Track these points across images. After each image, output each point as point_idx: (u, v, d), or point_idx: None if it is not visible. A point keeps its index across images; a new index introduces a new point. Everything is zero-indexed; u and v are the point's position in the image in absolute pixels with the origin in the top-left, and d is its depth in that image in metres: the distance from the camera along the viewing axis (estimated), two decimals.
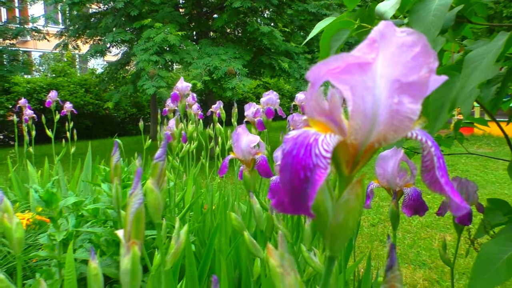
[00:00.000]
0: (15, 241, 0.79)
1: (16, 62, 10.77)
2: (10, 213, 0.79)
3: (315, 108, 0.30)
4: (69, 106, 3.97)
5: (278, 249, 0.39)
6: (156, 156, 0.68)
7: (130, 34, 8.13)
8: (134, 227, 0.47)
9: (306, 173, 0.27)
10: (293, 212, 0.28)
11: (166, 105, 3.33)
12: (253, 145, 1.04)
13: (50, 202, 1.55)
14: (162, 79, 7.51)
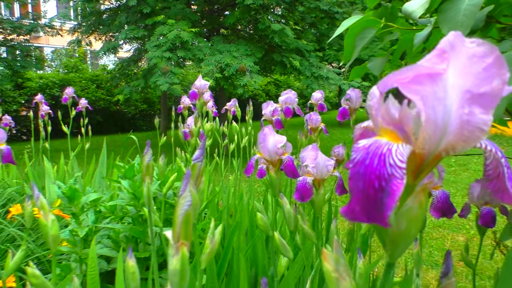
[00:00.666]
0: (50, 238, 0.80)
1: (29, 58, 10.88)
2: (45, 210, 0.80)
3: (384, 117, 0.30)
4: (84, 102, 4.01)
5: (333, 254, 0.39)
6: (195, 157, 0.68)
7: (143, 30, 8.16)
8: (183, 229, 0.48)
9: (381, 182, 0.28)
10: (366, 221, 0.28)
11: (181, 102, 3.35)
12: (280, 146, 1.04)
13: (72, 198, 1.57)
14: (175, 76, 7.54)
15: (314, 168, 0.99)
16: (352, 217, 0.29)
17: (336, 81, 8.65)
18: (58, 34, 10.99)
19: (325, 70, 8.81)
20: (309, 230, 1.03)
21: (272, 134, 1.07)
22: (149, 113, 16.64)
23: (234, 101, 3.41)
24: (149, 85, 8.10)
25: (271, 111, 2.03)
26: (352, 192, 0.29)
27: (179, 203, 0.49)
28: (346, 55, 1.30)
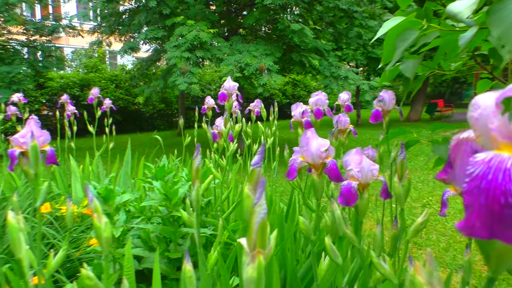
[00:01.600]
0: (103, 240, 0.81)
1: (51, 58, 11.09)
2: (99, 213, 0.81)
3: (502, 131, 0.29)
4: (108, 102, 4.06)
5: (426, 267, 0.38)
6: (253, 162, 0.68)
7: (162, 31, 8.23)
8: (259, 237, 0.48)
9: (508, 199, 0.27)
10: (486, 236, 0.28)
11: (205, 103, 3.35)
12: (324, 149, 1.03)
13: (107, 198, 1.59)
14: (193, 75, 7.59)
15: (359, 173, 0.98)
16: (470, 233, 0.28)
17: (355, 81, 8.58)
18: (79, 35, 11.17)
19: (344, 70, 8.75)
20: (352, 234, 1.02)
21: (315, 138, 1.06)
22: (166, 113, 16.80)
23: (258, 102, 3.41)
24: (168, 84, 8.16)
25: (300, 112, 2.03)
26: (471, 207, 0.28)
27: (255, 211, 0.49)
28: (385, 57, 1.28)
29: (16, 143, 1.12)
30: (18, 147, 1.12)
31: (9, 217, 0.81)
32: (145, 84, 10.52)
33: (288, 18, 8.81)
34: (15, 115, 3.77)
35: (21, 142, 1.12)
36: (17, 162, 1.10)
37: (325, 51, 8.96)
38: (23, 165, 1.14)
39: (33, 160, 0.97)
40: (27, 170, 1.14)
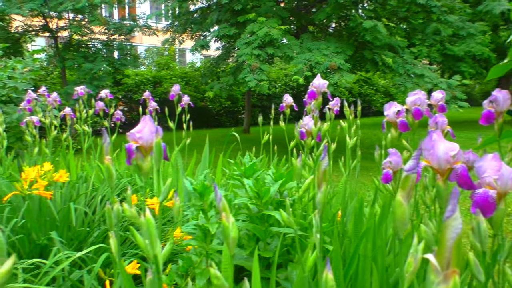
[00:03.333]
0: (230, 240, 0.80)
1: (128, 56, 11.71)
2: (227, 212, 0.80)
3: None
4: (187, 99, 4.17)
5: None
6: (408, 168, 0.62)
7: (234, 28, 8.35)
8: (454, 254, 0.42)
9: None
10: None
11: (283, 100, 3.33)
12: (452, 154, 0.95)
13: (203, 194, 1.61)
14: (263, 73, 7.62)
15: (499, 181, 0.89)
16: None
17: (432, 79, 8.12)
18: (154, 33, 11.68)
19: (420, 67, 8.32)
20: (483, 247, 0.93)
21: (442, 141, 0.98)
22: (232, 110, 17.08)
23: (337, 100, 3.32)
24: (238, 81, 8.26)
25: (395, 112, 1.92)
26: None
27: (449, 225, 0.43)
28: None
29: (133, 138, 1.15)
30: (134, 141, 1.15)
31: (147, 213, 0.83)
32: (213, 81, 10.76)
33: (361, 14, 8.54)
34: (102, 110, 4.00)
35: (137, 137, 1.16)
36: (134, 156, 1.13)
37: (400, 48, 8.58)
38: (137, 160, 1.17)
39: (157, 156, 0.99)
40: (140, 164, 1.17)
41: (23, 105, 3.76)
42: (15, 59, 5.21)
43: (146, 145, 1.18)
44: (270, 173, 2.03)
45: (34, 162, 3.81)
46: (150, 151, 1.19)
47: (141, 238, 1.01)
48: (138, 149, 1.16)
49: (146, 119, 1.18)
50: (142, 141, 1.16)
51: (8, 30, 9.90)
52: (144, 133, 1.16)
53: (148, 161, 1.18)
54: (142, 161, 1.17)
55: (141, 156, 1.17)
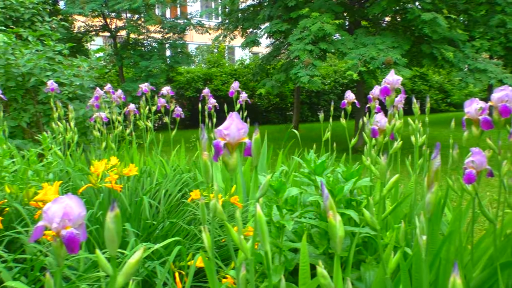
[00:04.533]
0: (338, 239, 0.78)
1: (181, 54, 12.00)
2: (334, 210, 0.78)
3: None
4: (244, 96, 4.21)
5: None
6: None
7: (286, 24, 8.30)
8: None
9: None
10: None
11: (345, 97, 3.27)
12: None
13: (279, 190, 1.60)
14: (316, 68, 7.53)
15: None
16: None
17: (496, 74, 7.65)
18: (207, 31, 11.89)
19: (482, 62, 7.87)
20: None
21: None
22: (281, 107, 17.05)
23: (402, 97, 3.21)
24: (290, 77, 8.22)
25: (477, 109, 1.82)
26: None
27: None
28: None
29: (220, 135, 1.17)
30: (221, 138, 1.16)
31: (258, 210, 0.83)
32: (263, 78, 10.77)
33: (418, 6, 8.19)
34: (163, 106, 4.11)
35: (224, 134, 1.17)
36: (222, 153, 1.15)
37: (460, 42, 8.16)
38: (224, 156, 1.18)
39: (255, 153, 0.99)
40: (227, 161, 1.18)
41: (91, 101, 3.95)
42: (81, 58, 5.48)
43: (232, 142, 1.18)
44: (339, 171, 1.99)
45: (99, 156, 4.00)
46: (236, 148, 1.20)
47: (236, 235, 1.02)
48: (225, 146, 1.17)
49: (233, 116, 1.18)
50: (229, 138, 1.17)
51: (71, 31, 10.46)
52: (231, 130, 1.17)
53: (234, 158, 1.19)
54: (229, 157, 1.18)
55: (227, 153, 1.18)
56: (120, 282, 0.64)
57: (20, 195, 2.12)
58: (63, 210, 0.94)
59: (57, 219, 0.93)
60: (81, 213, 0.99)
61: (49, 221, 0.95)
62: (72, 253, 0.97)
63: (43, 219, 0.97)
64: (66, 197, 0.97)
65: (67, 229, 0.95)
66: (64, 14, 9.88)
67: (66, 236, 0.94)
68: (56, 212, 0.94)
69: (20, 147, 4.46)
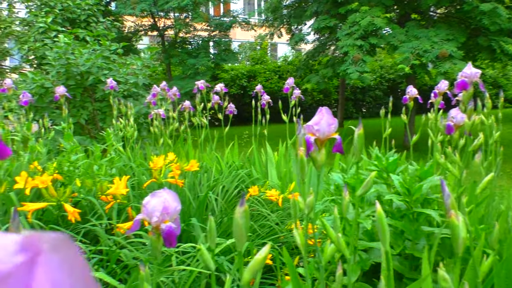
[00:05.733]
0: (460, 240, 0.73)
1: (227, 52, 12.11)
2: (456, 209, 0.74)
3: None
4: (297, 92, 4.17)
5: None
6: None
7: (335, 19, 8.16)
8: None
9: None
10: None
11: (406, 92, 3.16)
12: None
13: (355, 188, 1.56)
14: (365, 64, 7.35)
15: None
16: None
17: None
18: (252, 29, 11.92)
19: None
20: None
21: None
22: (324, 103, 16.83)
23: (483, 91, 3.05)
24: (338, 73, 8.08)
25: None
26: None
27: None
28: None
29: (310, 130, 1.14)
30: (311, 134, 1.14)
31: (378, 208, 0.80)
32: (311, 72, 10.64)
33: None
34: (217, 103, 4.15)
35: (314, 129, 1.14)
36: (313, 149, 1.12)
37: None
38: (313, 153, 1.15)
39: (358, 148, 0.95)
40: (315, 157, 1.15)
41: (148, 98, 4.05)
42: (135, 57, 5.64)
43: (322, 137, 1.15)
44: (412, 168, 1.92)
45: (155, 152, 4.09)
46: (325, 144, 1.17)
47: (333, 232, 0.99)
48: (314, 141, 1.14)
49: (323, 111, 1.15)
50: (319, 134, 1.14)
51: (122, 31, 10.82)
52: (321, 125, 1.14)
53: (322, 154, 1.16)
54: (317, 153, 1.15)
55: (316, 149, 1.16)
56: (246, 278, 0.62)
57: (94, 189, 2.20)
58: (163, 204, 0.95)
59: (157, 213, 0.95)
60: (177, 207, 1.00)
61: (148, 215, 0.96)
62: (170, 246, 0.98)
63: (142, 213, 0.98)
64: (164, 191, 0.98)
65: (165, 223, 0.96)
66: (115, 15, 10.23)
67: (165, 230, 0.95)
68: (155, 206, 0.95)
69: (79, 143, 4.65)
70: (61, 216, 2.13)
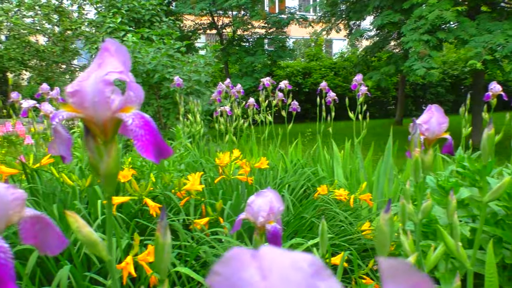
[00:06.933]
0: None
1: (284, 49, 12.06)
2: None
3: None
4: (364, 89, 4.03)
5: None
6: None
7: (399, 14, 7.84)
8: None
9: None
10: None
11: (489, 89, 2.95)
12: None
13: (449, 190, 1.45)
14: (432, 60, 6.99)
15: None
16: None
17: None
18: (310, 25, 11.77)
19: None
20: None
21: None
22: (381, 100, 16.29)
23: None
24: (401, 70, 7.76)
25: None
26: None
27: None
28: None
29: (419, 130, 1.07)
30: (421, 134, 1.07)
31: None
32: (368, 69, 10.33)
33: None
34: (281, 100, 4.12)
35: (424, 128, 1.07)
36: (423, 149, 1.05)
37: None
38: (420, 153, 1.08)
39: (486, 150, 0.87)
40: (422, 158, 1.08)
41: (214, 95, 4.09)
42: (198, 55, 5.74)
43: (431, 137, 1.08)
44: (508, 171, 1.77)
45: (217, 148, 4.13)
46: (434, 143, 1.09)
47: (452, 240, 0.92)
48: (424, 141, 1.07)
49: (433, 109, 1.07)
50: (428, 133, 1.07)
51: (182, 30, 11.09)
52: (431, 124, 1.06)
53: (430, 155, 1.08)
54: (425, 154, 1.07)
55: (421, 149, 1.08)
56: None
57: (171, 184, 2.24)
58: (269, 204, 0.92)
59: (263, 213, 0.92)
60: (280, 207, 0.97)
61: (253, 215, 0.94)
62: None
63: (246, 212, 0.96)
64: (269, 191, 0.95)
65: (270, 223, 0.93)
66: (176, 14, 10.50)
67: (271, 230, 0.92)
68: (262, 206, 0.92)
69: None
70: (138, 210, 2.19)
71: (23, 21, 9.72)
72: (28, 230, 0.45)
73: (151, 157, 0.47)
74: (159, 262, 0.55)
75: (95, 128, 0.49)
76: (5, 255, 0.36)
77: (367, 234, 2.38)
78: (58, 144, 0.48)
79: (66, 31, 9.94)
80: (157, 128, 0.49)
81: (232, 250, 0.20)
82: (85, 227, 0.52)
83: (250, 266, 0.19)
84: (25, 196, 0.42)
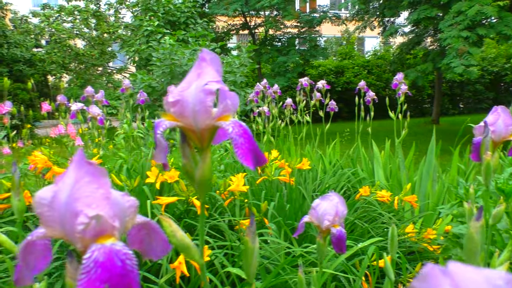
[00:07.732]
0: None
1: (317, 48, 11.98)
2: None
3: None
4: (404, 88, 3.95)
5: None
6: None
7: (436, 9, 7.62)
8: None
9: None
10: None
11: None
12: None
13: (510, 194, 1.40)
14: (472, 57, 6.77)
15: None
16: None
17: None
18: (343, 23, 11.64)
19: None
20: None
21: None
22: (416, 99, 15.88)
23: None
24: (438, 67, 7.54)
25: None
26: None
27: None
28: None
29: (480, 132, 1.04)
30: None
31: None
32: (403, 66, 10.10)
33: None
34: (318, 100, 4.09)
35: (490, 130, 1.04)
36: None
37: None
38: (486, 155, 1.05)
39: None
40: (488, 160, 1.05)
41: (251, 96, 4.11)
42: (233, 56, 5.78)
43: (497, 139, 1.05)
44: None
45: None
46: (500, 145, 1.06)
47: None
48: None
49: (499, 110, 1.05)
50: (494, 135, 1.04)
51: (216, 31, 11.22)
52: (497, 126, 1.03)
53: (496, 158, 1.05)
54: (491, 157, 1.04)
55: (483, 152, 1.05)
56: None
57: (216, 185, 2.27)
58: (335, 208, 0.92)
59: (329, 216, 0.92)
60: (344, 211, 0.96)
61: (318, 219, 0.94)
62: (340, 252, 0.95)
63: (309, 215, 0.97)
64: (334, 195, 0.95)
65: (335, 227, 0.93)
66: (209, 16, 10.63)
67: (336, 234, 0.92)
68: (327, 209, 0.93)
69: None
70: (185, 210, 2.23)
71: (63, 26, 10.09)
72: (135, 236, 0.47)
73: (250, 165, 0.48)
74: (247, 266, 0.56)
75: (193, 136, 0.51)
76: (131, 262, 0.38)
77: (411, 237, 2.34)
78: (159, 152, 0.50)
79: (103, 35, 10.24)
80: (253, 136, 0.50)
81: (427, 267, 0.20)
82: (178, 231, 0.54)
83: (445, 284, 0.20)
84: (137, 203, 0.43)
